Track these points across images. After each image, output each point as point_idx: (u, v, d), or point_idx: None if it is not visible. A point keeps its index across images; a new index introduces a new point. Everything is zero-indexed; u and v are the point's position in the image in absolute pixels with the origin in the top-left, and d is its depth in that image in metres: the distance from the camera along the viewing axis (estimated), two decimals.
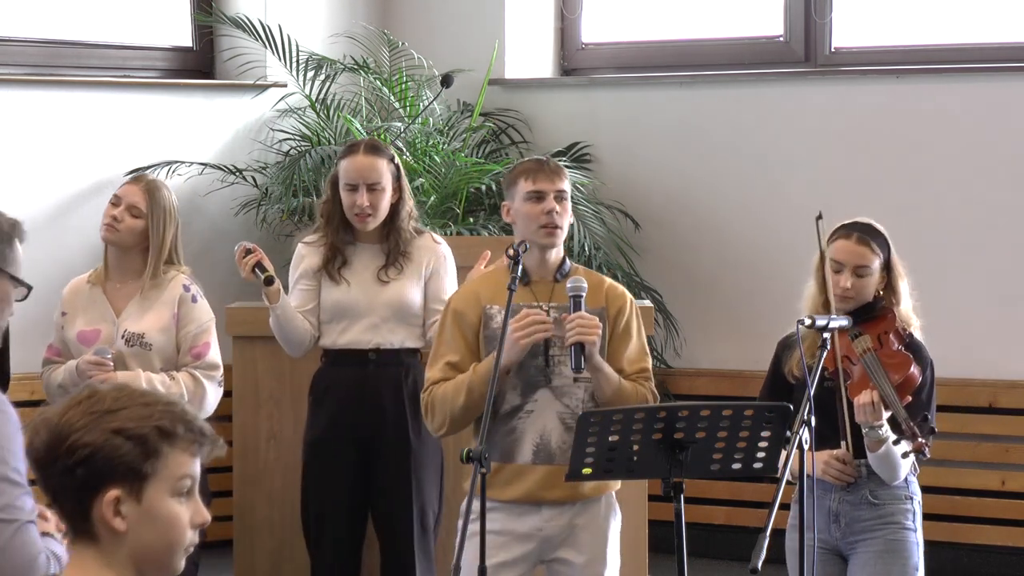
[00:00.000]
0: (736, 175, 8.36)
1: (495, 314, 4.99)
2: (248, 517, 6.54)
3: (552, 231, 4.96)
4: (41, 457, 2.60)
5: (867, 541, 5.01)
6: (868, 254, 5.08)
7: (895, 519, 5.01)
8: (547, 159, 5.14)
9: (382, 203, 5.84)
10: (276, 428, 6.50)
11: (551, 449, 4.95)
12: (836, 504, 5.04)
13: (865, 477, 5.01)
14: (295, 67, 8.29)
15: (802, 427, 4.60)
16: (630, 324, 5.04)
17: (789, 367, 5.12)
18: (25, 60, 7.93)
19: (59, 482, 2.59)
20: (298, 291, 5.93)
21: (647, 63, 8.80)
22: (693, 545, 4.88)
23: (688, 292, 8.46)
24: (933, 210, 7.95)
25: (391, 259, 5.86)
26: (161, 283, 5.69)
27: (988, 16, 8.19)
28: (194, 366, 5.69)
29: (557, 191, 4.97)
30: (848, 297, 5.07)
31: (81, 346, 5.64)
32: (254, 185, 8.27)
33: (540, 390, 4.96)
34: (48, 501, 2.65)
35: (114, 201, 5.69)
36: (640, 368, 5.02)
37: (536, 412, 4.96)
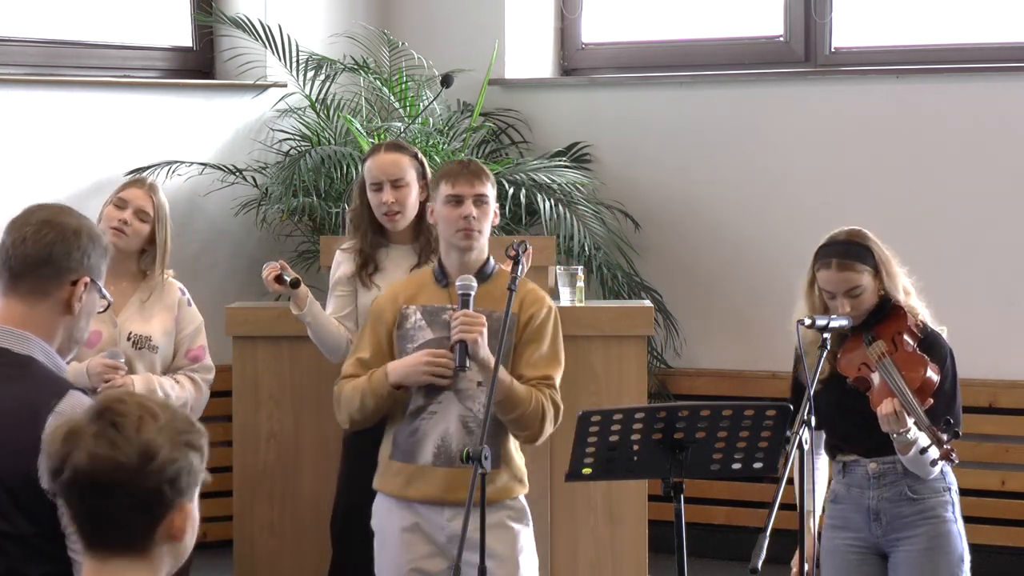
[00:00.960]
0: (736, 175, 8.36)
1: (410, 314, 5.05)
2: (248, 517, 6.54)
3: (468, 234, 4.98)
4: (120, 477, 2.52)
5: (910, 538, 4.97)
6: (853, 276, 5.01)
7: (936, 512, 4.98)
8: (470, 161, 5.16)
9: (409, 200, 5.84)
10: (276, 428, 6.50)
11: (451, 452, 4.97)
12: (875, 502, 5.00)
13: (901, 472, 4.97)
14: (295, 67, 8.29)
15: (802, 427, 4.60)
16: (541, 330, 5.01)
17: (800, 377, 5.09)
18: (25, 60, 7.92)
19: (135, 500, 2.53)
20: (335, 297, 5.95)
21: (647, 63, 8.80)
22: (693, 545, 4.88)
23: (688, 292, 8.46)
24: (933, 210, 7.95)
25: (423, 258, 5.87)
26: (159, 285, 5.68)
27: (988, 16, 8.19)
28: (190, 369, 5.69)
29: (476, 195, 4.99)
30: (854, 317, 5.03)
31: (82, 348, 5.61)
32: (254, 185, 8.27)
33: (444, 392, 4.98)
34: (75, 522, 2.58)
35: (119, 204, 5.66)
36: (542, 375, 4.99)
37: (439, 414, 4.99)
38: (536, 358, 5.00)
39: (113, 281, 5.69)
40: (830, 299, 5.04)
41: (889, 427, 4.82)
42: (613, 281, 8.22)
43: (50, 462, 2.56)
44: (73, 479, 2.53)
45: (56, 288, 3.49)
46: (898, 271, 5.09)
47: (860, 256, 5.04)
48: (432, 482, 4.98)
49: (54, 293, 3.49)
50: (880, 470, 5.00)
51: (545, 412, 4.94)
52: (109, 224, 5.62)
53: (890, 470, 4.99)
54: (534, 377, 4.97)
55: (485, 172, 5.08)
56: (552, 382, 4.99)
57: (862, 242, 5.08)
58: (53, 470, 2.56)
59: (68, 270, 3.50)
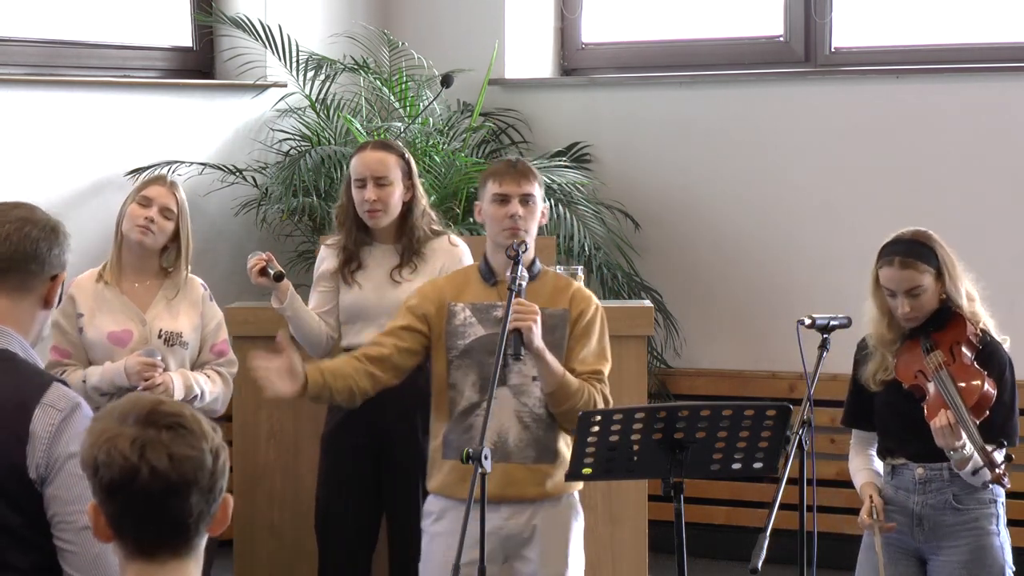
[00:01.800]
0: (736, 175, 8.36)
1: (458, 311, 5.06)
2: (248, 517, 6.54)
3: (515, 234, 4.99)
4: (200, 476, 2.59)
5: (951, 548, 4.95)
6: (915, 276, 4.96)
7: (979, 524, 4.94)
8: (517, 161, 5.16)
9: (392, 199, 5.84)
10: (276, 428, 6.50)
11: (508, 447, 4.99)
12: (920, 508, 4.98)
13: (948, 481, 4.94)
14: (295, 67, 8.29)
15: (802, 427, 4.60)
16: (590, 327, 5.05)
17: (866, 379, 5.07)
18: (25, 60, 7.92)
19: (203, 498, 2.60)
20: (317, 293, 5.98)
21: (647, 63, 8.80)
22: (693, 545, 4.88)
23: (688, 292, 8.46)
24: (933, 210, 7.95)
25: (405, 259, 5.87)
26: (184, 282, 5.70)
27: (988, 16, 8.19)
28: (217, 363, 5.71)
29: (523, 194, 5.00)
30: (914, 317, 5.00)
31: (113, 347, 5.59)
32: (254, 185, 8.27)
33: (498, 387, 4.97)
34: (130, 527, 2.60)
35: (143, 203, 5.65)
36: (593, 369, 5.02)
37: (494, 410, 4.98)
38: (586, 354, 5.03)
39: (139, 279, 5.70)
40: (890, 297, 5.01)
41: (944, 441, 4.77)
42: (613, 281, 8.22)
43: (109, 472, 2.57)
44: (149, 483, 2.56)
45: (39, 284, 3.58)
46: (962, 275, 5.04)
47: (923, 256, 5.00)
48: (488, 478, 4.96)
49: (36, 289, 3.57)
50: (927, 476, 4.96)
51: (595, 406, 4.94)
52: (135, 223, 5.62)
53: (937, 476, 4.95)
54: (585, 372, 5.00)
55: (532, 171, 5.09)
56: (602, 376, 5.03)
57: (926, 242, 5.03)
58: (120, 480, 2.56)
59: (51, 266, 3.62)
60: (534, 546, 5.00)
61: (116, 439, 2.57)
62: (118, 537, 2.61)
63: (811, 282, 8.14)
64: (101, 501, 2.60)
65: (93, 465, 2.58)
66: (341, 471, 5.88)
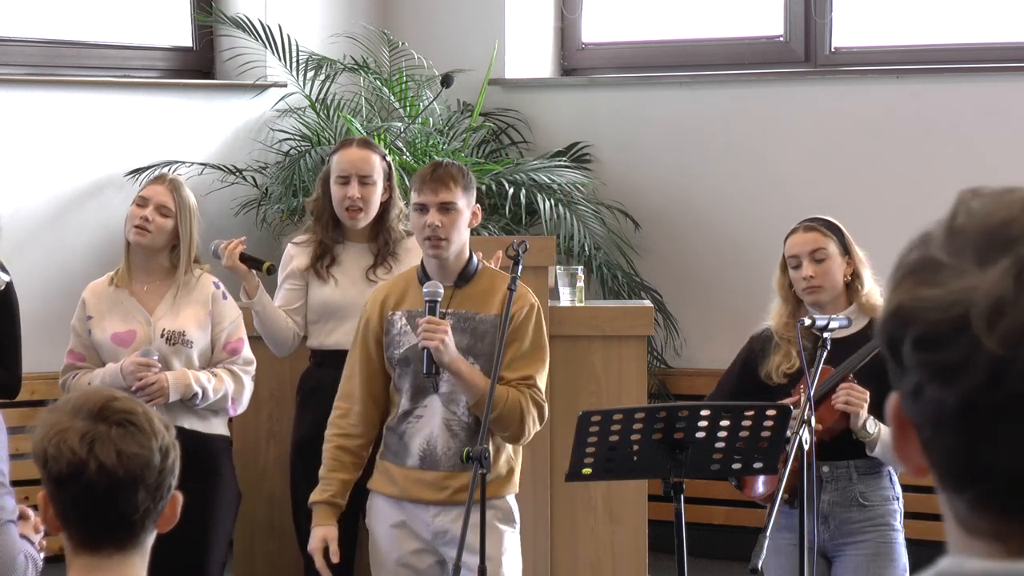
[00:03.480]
0: (736, 175, 8.37)
1: (396, 320, 5.04)
2: (248, 517, 6.53)
3: (435, 244, 4.95)
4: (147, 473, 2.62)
5: (856, 544, 4.99)
6: (819, 237, 5.07)
7: (884, 520, 5.00)
8: (440, 165, 5.07)
9: (373, 198, 5.83)
10: (276, 428, 6.50)
11: (436, 455, 4.99)
12: (827, 506, 5.01)
13: (855, 479, 4.99)
14: (295, 67, 8.29)
15: (802, 427, 4.61)
16: (521, 330, 4.96)
17: (767, 370, 5.09)
18: (25, 60, 7.93)
19: (150, 494, 2.63)
20: (284, 290, 5.93)
21: (647, 63, 8.80)
22: (693, 545, 4.88)
23: (688, 292, 8.46)
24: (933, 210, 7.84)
25: (380, 259, 5.85)
26: (190, 281, 5.69)
27: (988, 16, 8.19)
28: (229, 362, 5.69)
29: (440, 203, 4.93)
30: (816, 286, 5.03)
31: (117, 347, 5.59)
32: (254, 185, 8.27)
33: (429, 396, 4.99)
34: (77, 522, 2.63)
35: (140, 203, 5.65)
36: (522, 375, 4.94)
37: (424, 418, 5.00)
38: (514, 359, 4.95)
39: (147, 280, 5.70)
40: (795, 269, 5.05)
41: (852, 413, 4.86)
42: (613, 281, 8.22)
43: (58, 465, 2.59)
44: (96, 478, 2.57)
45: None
46: (867, 272, 5.10)
47: (828, 225, 5.14)
48: (418, 483, 5.00)
49: None
50: (833, 474, 5.00)
51: (524, 411, 4.88)
52: (132, 223, 5.63)
53: (843, 474, 5.00)
54: (513, 378, 4.93)
55: (453, 177, 4.97)
56: (532, 381, 4.94)
57: (832, 220, 5.18)
58: (68, 473, 2.58)
59: None
60: (466, 551, 4.96)
61: (66, 432, 2.59)
62: (65, 529, 2.64)
63: None
64: (50, 493, 2.63)
65: (43, 457, 2.61)
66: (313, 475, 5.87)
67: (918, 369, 1.43)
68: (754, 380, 5.11)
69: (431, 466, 4.98)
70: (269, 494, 6.50)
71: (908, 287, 1.46)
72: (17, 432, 7.19)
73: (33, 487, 7.12)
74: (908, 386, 1.45)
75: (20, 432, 7.28)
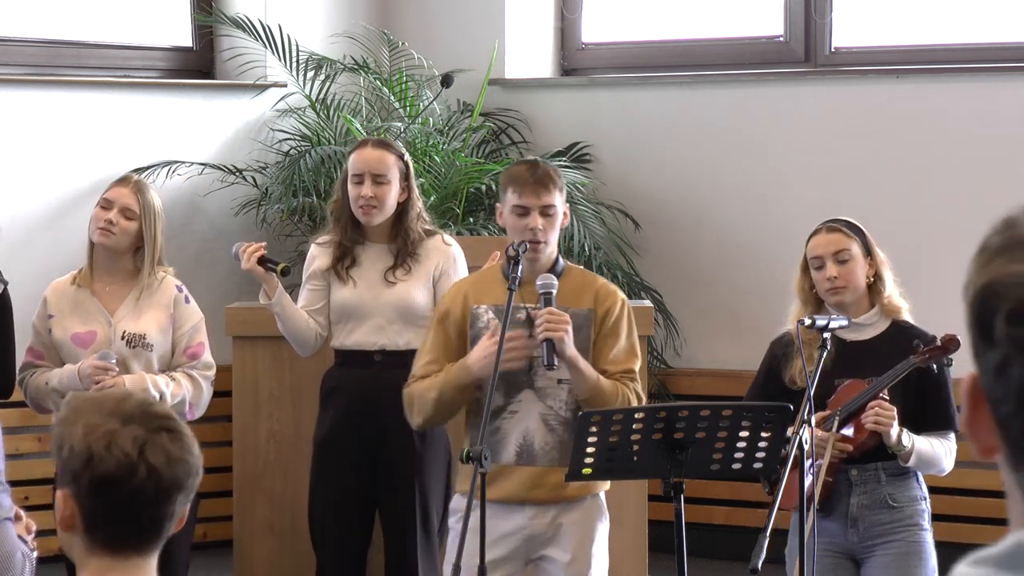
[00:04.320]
0: (736, 175, 8.37)
1: (481, 314, 5.03)
2: (248, 517, 6.54)
3: (535, 247, 4.96)
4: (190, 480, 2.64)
5: (885, 544, 4.97)
6: (842, 238, 5.07)
7: (913, 521, 4.99)
8: (537, 167, 5.09)
9: (388, 197, 5.83)
10: (276, 428, 6.50)
11: (534, 450, 4.97)
12: (855, 509, 4.99)
13: (883, 481, 4.98)
14: (295, 67, 8.29)
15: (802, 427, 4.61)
16: (618, 325, 5.01)
17: (791, 375, 5.09)
18: (25, 60, 7.93)
19: (180, 501, 2.65)
20: (307, 291, 5.95)
21: (647, 63, 8.80)
22: (693, 545, 4.88)
23: (688, 292, 8.46)
24: (933, 210, 7.96)
25: (399, 260, 5.86)
26: (153, 283, 5.67)
27: (988, 16, 8.19)
28: (189, 366, 5.67)
29: (543, 206, 4.96)
30: (840, 287, 5.04)
31: (76, 348, 5.59)
32: (254, 185, 8.27)
33: (523, 391, 4.98)
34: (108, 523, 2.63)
35: (104, 205, 5.64)
36: (624, 368, 4.98)
37: (520, 413, 4.99)
38: (616, 352, 4.99)
39: (110, 281, 5.68)
40: (818, 270, 5.05)
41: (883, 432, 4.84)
42: (613, 281, 8.20)
43: (104, 466, 2.58)
44: (145, 482, 2.58)
45: None
46: (889, 273, 5.11)
47: (850, 226, 5.13)
48: (514, 481, 4.96)
49: None
50: (861, 477, 5.00)
51: (631, 405, 4.91)
52: (96, 225, 5.61)
53: (871, 477, 4.99)
54: (617, 371, 4.96)
55: (553, 179, 5.02)
56: (634, 375, 4.99)
57: (853, 222, 5.17)
58: (116, 475, 2.58)
59: None
60: (557, 546, 4.99)
61: (115, 434, 2.58)
62: (88, 531, 2.62)
63: None
64: (81, 493, 2.60)
65: (87, 456, 2.58)
66: (335, 474, 5.88)
67: (1007, 343, 1.48)
68: (779, 386, 5.10)
69: (528, 462, 4.97)
70: (269, 494, 6.50)
71: (999, 265, 1.53)
72: (17, 432, 7.20)
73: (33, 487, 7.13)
74: (993, 362, 1.49)
75: (20, 432, 7.28)
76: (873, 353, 4.98)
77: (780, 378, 5.10)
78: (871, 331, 5.08)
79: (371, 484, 5.84)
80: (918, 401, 4.98)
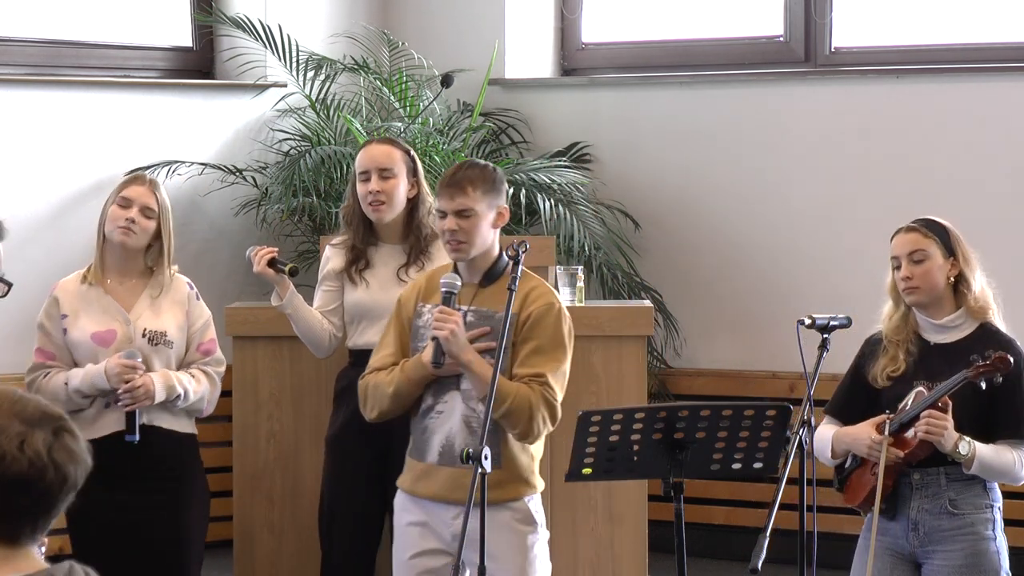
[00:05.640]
0: (736, 175, 8.37)
1: (424, 312, 5.06)
2: (248, 517, 6.54)
3: (455, 247, 4.98)
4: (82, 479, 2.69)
5: (946, 553, 4.93)
6: (919, 239, 5.04)
7: (975, 529, 4.93)
8: (456, 170, 5.07)
9: (396, 192, 5.84)
10: (276, 428, 6.50)
11: (455, 451, 4.97)
12: (916, 512, 4.96)
13: (944, 486, 4.94)
14: (295, 67, 8.29)
15: (802, 427, 4.60)
16: (535, 328, 4.96)
17: (873, 374, 5.06)
18: (25, 60, 7.93)
19: None
20: (322, 292, 5.97)
21: (647, 63, 8.80)
22: (693, 545, 4.88)
23: (688, 292, 8.46)
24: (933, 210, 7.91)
25: (412, 258, 5.87)
26: (168, 281, 5.68)
27: (988, 16, 8.19)
28: (203, 363, 5.68)
29: (456, 210, 4.97)
30: (914, 287, 5.01)
31: (96, 347, 5.58)
32: (254, 185, 8.27)
33: (451, 391, 5.00)
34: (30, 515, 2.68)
35: (122, 204, 5.63)
36: (534, 372, 4.92)
37: (445, 413, 5.00)
38: (529, 356, 4.94)
39: (123, 279, 5.68)
40: (896, 270, 5.05)
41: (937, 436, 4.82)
42: (613, 281, 8.22)
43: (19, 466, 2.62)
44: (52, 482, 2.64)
45: None
46: (977, 268, 5.06)
47: (931, 226, 5.11)
48: (437, 480, 4.99)
49: None
50: (923, 480, 4.96)
51: (533, 408, 4.86)
52: (116, 224, 5.60)
53: (933, 481, 4.94)
54: (525, 374, 4.92)
55: (471, 181, 5.00)
56: (544, 379, 4.91)
57: (940, 221, 5.14)
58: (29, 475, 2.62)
59: None
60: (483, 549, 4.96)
61: (27, 435, 2.62)
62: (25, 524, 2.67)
63: (811, 282, 8.14)
64: None
65: None
66: (346, 471, 5.89)
67: None
68: (863, 383, 5.08)
69: (449, 462, 4.98)
70: (269, 494, 6.50)
71: None
72: None
73: None
74: None
75: None
76: (957, 356, 4.93)
77: (865, 376, 5.08)
78: (957, 333, 5.03)
79: (382, 483, 5.85)
80: (991, 408, 4.92)
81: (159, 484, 5.55)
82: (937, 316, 5.03)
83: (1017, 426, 4.91)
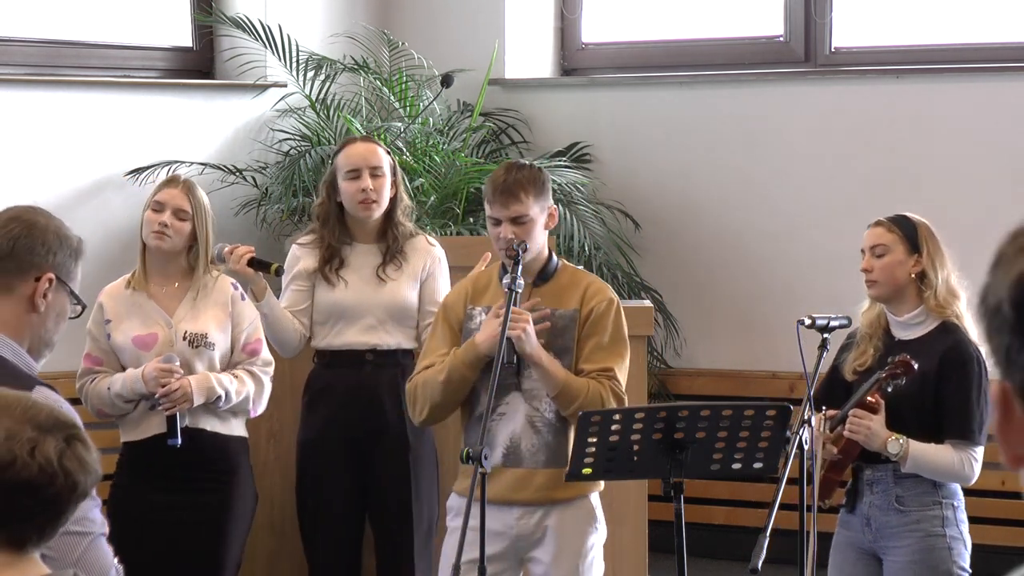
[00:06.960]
0: (736, 175, 8.37)
1: (475, 315, 5.04)
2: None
3: (510, 254, 4.96)
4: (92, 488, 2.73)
5: (897, 548, 4.97)
6: (883, 233, 5.05)
7: (921, 526, 4.95)
8: (508, 175, 5.03)
9: (384, 190, 5.84)
10: (276, 428, 6.50)
11: (520, 452, 4.97)
12: (868, 508, 5.00)
13: (892, 483, 4.96)
14: (295, 67, 8.29)
15: (802, 427, 4.61)
16: (598, 324, 4.98)
17: (844, 367, 5.10)
18: (25, 60, 7.92)
19: None
20: (291, 291, 5.93)
21: (647, 63, 8.80)
22: (693, 545, 4.88)
23: (688, 292, 8.46)
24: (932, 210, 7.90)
25: (389, 257, 5.86)
26: (208, 282, 5.68)
27: (988, 16, 8.19)
28: (249, 363, 5.68)
29: (511, 218, 4.95)
30: (872, 280, 5.04)
31: (138, 351, 5.59)
32: (254, 185, 8.26)
33: (511, 393, 4.99)
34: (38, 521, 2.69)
35: (156, 208, 5.65)
36: (602, 367, 4.94)
37: (507, 415, 4.99)
38: (594, 351, 4.96)
39: (165, 282, 5.69)
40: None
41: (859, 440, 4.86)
42: (613, 281, 8.22)
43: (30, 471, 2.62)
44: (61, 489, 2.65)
45: (20, 283, 3.50)
46: (942, 274, 5.04)
47: (899, 222, 5.09)
48: (501, 482, 4.95)
49: (18, 289, 3.50)
50: (873, 477, 5.00)
51: (605, 403, 4.87)
52: (150, 229, 5.63)
53: (882, 478, 4.98)
54: (593, 370, 4.94)
55: (523, 186, 4.96)
56: (612, 373, 4.94)
57: (910, 217, 5.13)
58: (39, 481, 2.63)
59: (32, 265, 3.52)
60: (544, 548, 4.98)
61: (39, 441, 2.62)
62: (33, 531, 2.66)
63: (811, 282, 8.13)
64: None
65: (8, 460, 2.62)
66: (325, 475, 5.88)
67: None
68: (840, 377, 5.12)
69: (514, 463, 4.97)
70: (269, 494, 6.50)
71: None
72: None
73: None
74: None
75: None
76: (916, 352, 4.94)
77: (841, 369, 5.11)
78: (919, 329, 5.05)
79: (360, 485, 5.84)
80: (937, 408, 4.95)
81: (203, 486, 5.56)
82: (899, 312, 5.06)
83: (962, 427, 4.92)
